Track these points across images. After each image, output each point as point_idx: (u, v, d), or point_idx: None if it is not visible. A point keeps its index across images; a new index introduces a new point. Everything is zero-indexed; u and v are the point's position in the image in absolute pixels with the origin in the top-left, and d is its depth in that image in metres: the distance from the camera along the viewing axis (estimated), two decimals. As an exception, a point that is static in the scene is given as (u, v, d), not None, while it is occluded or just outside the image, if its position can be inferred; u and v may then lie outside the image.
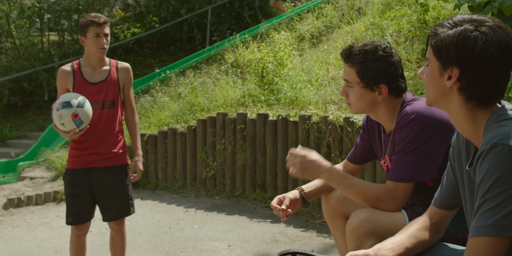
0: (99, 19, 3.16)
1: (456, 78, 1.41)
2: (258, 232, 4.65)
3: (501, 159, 1.29)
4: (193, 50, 11.20)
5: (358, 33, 7.73)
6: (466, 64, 1.39)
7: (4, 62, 10.46)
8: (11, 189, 6.36)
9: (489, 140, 1.33)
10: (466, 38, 1.38)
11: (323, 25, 9.12)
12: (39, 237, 4.79)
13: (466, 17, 1.44)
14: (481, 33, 1.38)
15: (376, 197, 2.02)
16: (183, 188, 6.38)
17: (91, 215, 3.34)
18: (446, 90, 1.45)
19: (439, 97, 1.48)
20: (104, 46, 3.19)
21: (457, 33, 1.40)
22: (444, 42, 1.42)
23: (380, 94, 2.10)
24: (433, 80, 1.48)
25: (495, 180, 1.28)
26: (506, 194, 1.27)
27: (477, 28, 1.39)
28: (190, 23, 11.74)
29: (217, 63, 8.95)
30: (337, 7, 9.63)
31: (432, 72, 1.47)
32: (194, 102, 7.19)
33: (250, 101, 6.59)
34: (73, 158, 3.27)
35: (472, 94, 1.41)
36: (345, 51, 2.13)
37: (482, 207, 1.30)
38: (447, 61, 1.42)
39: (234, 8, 12.02)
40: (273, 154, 5.68)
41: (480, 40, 1.37)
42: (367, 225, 1.95)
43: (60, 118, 2.98)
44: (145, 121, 7.37)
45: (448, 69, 1.42)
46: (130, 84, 3.37)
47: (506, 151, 1.29)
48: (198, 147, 6.30)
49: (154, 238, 4.63)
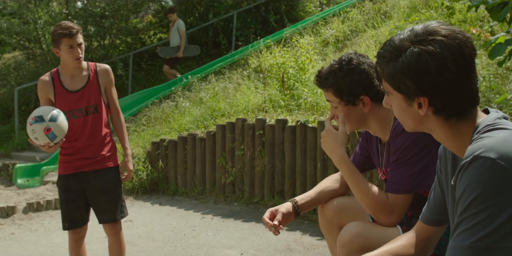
0: (70, 30, 3.11)
1: (427, 105, 1.32)
2: (273, 240, 4.55)
3: (482, 174, 1.17)
4: (219, 55, 11.19)
5: (383, 37, 7.58)
6: (430, 90, 1.29)
7: (32, 67, 10.63)
8: (33, 193, 6.42)
9: (471, 152, 1.21)
10: (417, 66, 1.27)
11: (348, 29, 8.98)
12: (54, 241, 4.79)
13: (405, 36, 1.32)
14: (429, 54, 1.27)
15: (373, 206, 1.92)
16: (202, 194, 6.33)
17: (86, 219, 3.34)
18: (422, 117, 1.36)
19: (417, 124, 1.39)
20: (79, 56, 3.17)
21: (405, 64, 1.29)
22: (397, 77, 1.31)
23: (364, 106, 2.06)
24: (404, 111, 1.38)
25: (475, 197, 1.16)
26: (487, 213, 1.14)
27: (422, 49, 1.28)
28: (215, 28, 11.74)
29: (240, 68, 8.91)
30: (363, 11, 9.48)
31: (399, 105, 1.38)
32: (215, 107, 7.16)
33: (270, 106, 6.51)
34: (63, 164, 3.28)
35: (449, 112, 1.32)
36: (316, 78, 2.13)
37: (460, 226, 1.18)
38: (410, 93, 1.32)
39: (260, 13, 11.96)
40: (292, 160, 5.58)
41: (432, 62, 1.26)
42: (359, 240, 1.85)
43: (33, 132, 2.93)
44: (165, 126, 7.37)
45: (414, 99, 1.33)
46: (111, 85, 3.33)
47: (488, 164, 1.16)
48: (218, 152, 6.24)
49: (168, 245, 4.58)
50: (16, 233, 5.12)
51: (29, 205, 5.79)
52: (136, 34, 11.88)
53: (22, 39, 10.66)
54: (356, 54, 2.10)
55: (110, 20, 10.72)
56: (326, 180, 2.30)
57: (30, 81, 9.99)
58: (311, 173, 5.32)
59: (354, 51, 2.14)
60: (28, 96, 9.91)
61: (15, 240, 4.90)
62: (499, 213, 1.13)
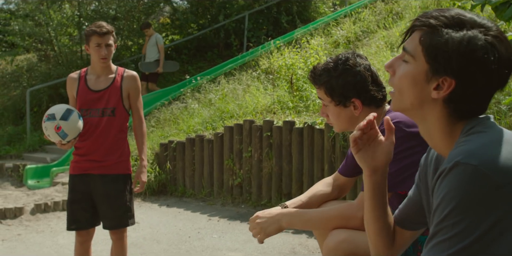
0: (101, 29, 3.14)
1: (449, 90, 1.18)
2: (278, 243, 4.50)
3: (462, 182, 1.09)
4: (230, 56, 11.16)
5: (394, 38, 7.50)
6: (466, 77, 1.16)
7: (44, 69, 10.70)
8: (42, 194, 6.44)
9: (452, 158, 1.13)
10: (475, 48, 1.15)
11: (359, 30, 8.90)
12: (60, 243, 4.79)
13: (472, 18, 1.18)
14: (490, 45, 1.15)
15: (342, 217, 1.86)
16: (210, 196, 6.30)
17: (91, 223, 3.28)
18: (429, 99, 1.22)
19: (417, 105, 1.25)
20: (105, 56, 3.18)
21: (465, 39, 1.15)
22: (446, 46, 1.16)
23: (355, 108, 2.01)
24: (415, 85, 1.22)
25: (454, 206, 1.09)
26: (465, 223, 1.07)
27: (486, 37, 1.16)
28: (227, 30, 11.71)
29: (251, 70, 8.87)
30: (374, 11, 9.40)
31: (416, 75, 1.22)
32: (224, 109, 7.13)
33: (279, 107, 6.46)
34: (73, 164, 3.29)
35: (460, 109, 1.20)
36: (310, 73, 2.08)
37: (437, 237, 1.11)
38: (442, 68, 1.17)
39: (271, 14, 11.91)
40: (299, 162, 5.53)
41: (490, 53, 1.15)
42: (346, 246, 1.79)
43: (46, 130, 3.00)
44: (174, 128, 7.35)
45: (440, 77, 1.18)
46: (136, 93, 3.30)
47: (469, 172, 1.09)
48: (225, 154, 6.21)
49: (172, 247, 4.55)
50: (23, 234, 5.12)
51: (37, 206, 5.80)
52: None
53: (34, 41, 10.73)
54: (354, 54, 2.05)
55: (122, 22, 10.75)
56: (318, 184, 2.25)
57: (42, 82, 10.06)
58: (318, 176, 5.27)
59: (352, 51, 2.09)
60: (40, 97, 9.97)
61: (21, 241, 4.91)
62: (478, 224, 1.06)
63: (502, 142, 1.14)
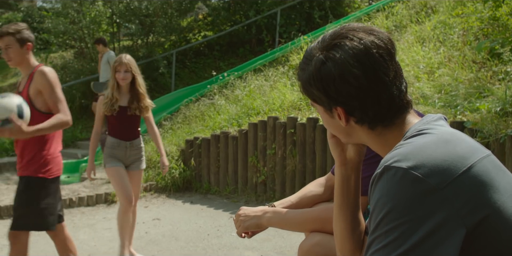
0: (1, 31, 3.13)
1: (344, 115, 1.20)
2: (297, 242, 4.40)
3: (393, 186, 1.01)
4: (262, 52, 11.09)
5: (425, 33, 7.27)
6: (340, 99, 1.17)
7: (77, 66, 10.86)
8: (69, 190, 6.51)
9: (383, 162, 1.06)
10: (320, 74, 1.16)
11: (392, 25, 8.68)
12: (80, 238, 4.82)
13: (315, 44, 1.21)
14: (331, 61, 1.15)
15: (319, 220, 1.77)
16: (234, 193, 6.25)
17: None
18: (347, 128, 1.24)
19: (347, 136, 1.27)
20: (7, 59, 3.16)
21: (310, 74, 1.18)
22: (306, 88, 1.22)
23: None
24: (329, 124, 1.28)
25: (386, 213, 1.00)
26: (399, 231, 0.98)
27: (326, 55, 1.16)
28: (258, 25, 11.64)
29: (281, 65, 8.78)
30: (408, 5, 9.15)
31: (324, 117, 1.28)
32: (251, 105, 7.06)
33: (304, 104, 6.36)
34: None
35: (371, 120, 1.18)
36: None
37: (372, 247, 1.02)
38: (324, 104, 1.22)
39: (304, 9, 11.77)
40: (323, 160, 5.41)
41: (334, 68, 1.14)
42: (319, 249, 1.72)
43: None
44: (200, 124, 7.33)
45: (331, 110, 1.22)
46: (47, 89, 3.15)
47: (400, 176, 1.00)
48: (249, 151, 6.15)
49: (189, 245, 4.52)
50: (46, 229, 5.18)
51: (62, 201, 5.86)
52: (180, 33, 11.93)
53: (68, 38, 10.91)
54: None
55: (153, 19, 10.81)
56: (310, 185, 2.15)
57: (75, 79, 10.20)
58: (341, 174, 5.14)
59: None
60: (73, 94, 10.12)
61: (43, 235, 4.93)
62: (413, 230, 0.97)
63: (441, 143, 1.06)
